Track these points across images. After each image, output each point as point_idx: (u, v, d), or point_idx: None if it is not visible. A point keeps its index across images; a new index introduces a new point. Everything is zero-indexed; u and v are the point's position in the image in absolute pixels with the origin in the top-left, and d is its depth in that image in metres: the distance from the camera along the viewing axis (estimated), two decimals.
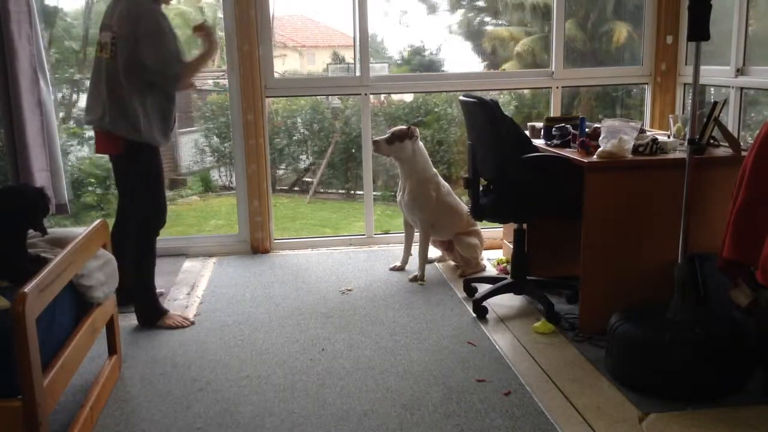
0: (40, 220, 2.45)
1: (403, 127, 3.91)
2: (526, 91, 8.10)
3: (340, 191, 8.93)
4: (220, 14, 4.77)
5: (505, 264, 4.06)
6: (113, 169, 3.39)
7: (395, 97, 8.44)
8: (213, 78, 9.03)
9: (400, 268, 4.12)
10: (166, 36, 3.09)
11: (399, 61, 9.44)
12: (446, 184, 4.06)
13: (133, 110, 3.11)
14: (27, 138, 3.87)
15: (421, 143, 3.95)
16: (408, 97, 8.57)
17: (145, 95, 3.14)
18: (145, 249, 3.31)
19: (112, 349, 2.84)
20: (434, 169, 4.01)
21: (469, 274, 3.98)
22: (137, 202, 3.29)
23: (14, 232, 2.37)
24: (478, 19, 9.85)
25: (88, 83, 3.34)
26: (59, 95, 7.06)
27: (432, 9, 9.37)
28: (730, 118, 3.85)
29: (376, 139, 3.91)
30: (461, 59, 9.95)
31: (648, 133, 3.39)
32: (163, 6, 3.22)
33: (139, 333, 3.25)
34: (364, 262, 4.31)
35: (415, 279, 3.91)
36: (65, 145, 6.80)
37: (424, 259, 3.98)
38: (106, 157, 3.66)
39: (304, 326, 3.30)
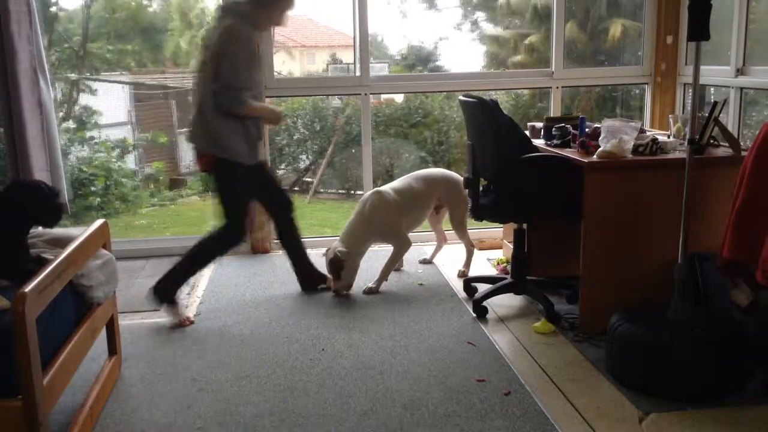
0: (48, 221, 2.44)
1: (331, 257, 3.71)
2: (524, 93, 8.12)
3: (340, 191, 8.93)
4: None
5: (505, 264, 4.07)
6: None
7: (388, 97, 8.47)
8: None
9: (398, 269, 4.12)
10: (247, 60, 3.24)
11: (398, 59, 9.45)
12: (396, 193, 3.83)
13: (217, 126, 3.25)
14: (27, 138, 3.87)
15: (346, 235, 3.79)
16: (399, 97, 8.59)
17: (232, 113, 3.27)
18: (205, 256, 3.48)
19: (112, 349, 2.84)
20: (381, 209, 3.77)
21: (465, 268, 4.01)
22: (225, 215, 3.42)
23: (16, 232, 2.37)
24: (479, 19, 9.87)
25: (88, 83, 3.40)
26: (59, 94, 7.06)
27: (432, 6, 9.38)
28: (730, 118, 3.84)
29: (335, 290, 3.72)
30: (462, 59, 9.96)
31: (648, 133, 3.39)
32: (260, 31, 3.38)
33: (139, 333, 3.26)
34: (364, 262, 4.28)
35: (370, 291, 3.76)
36: (65, 146, 6.80)
37: (386, 274, 3.85)
38: (106, 157, 3.69)
39: (304, 326, 3.30)
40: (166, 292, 3.39)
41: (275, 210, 3.72)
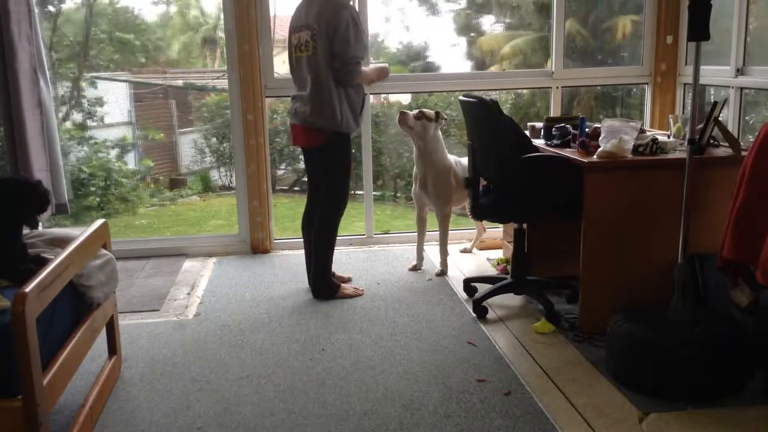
0: (34, 214, 2.43)
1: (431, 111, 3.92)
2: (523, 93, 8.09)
3: None
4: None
5: (505, 264, 4.06)
6: (308, 160, 3.74)
7: (392, 98, 8.42)
8: (211, 78, 9.01)
9: (418, 268, 4.11)
10: (358, 34, 3.41)
11: (390, 55, 9.42)
12: (456, 161, 4.04)
13: (332, 101, 3.41)
14: (27, 138, 3.87)
15: (439, 132, 3.94)
16: (405, 99, 8.55)
17: (340, 86, 3.43)
18: (331, 228, 3.64)
19: (112, 349, 2.84)
20: (449, 155, 3.99)
21: None
22: (333, 186, 3.59)
23: (11, 230, 2.36)
24: (474, 18, 9.82)
25: (88, 82, 3.41)
26: (60, 93, 7.05)
27: (432, 9, 9.35)
28: (730, 118, 3.85)
29: (405, 110, 3.89)
30: (454, 60, 9.91)
31: (648, 133, 3.39)
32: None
33: (139, 333, 3.26)
34: (364, 262, 4.31)
35: (442, 273, 3.96)
36: (65, 146, 6.79)
37: (446, 251, 4.01)
38: (107, 157, 3.72)
39: (304, 326, 3.30)
40: (326, 284, 3.64)
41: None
